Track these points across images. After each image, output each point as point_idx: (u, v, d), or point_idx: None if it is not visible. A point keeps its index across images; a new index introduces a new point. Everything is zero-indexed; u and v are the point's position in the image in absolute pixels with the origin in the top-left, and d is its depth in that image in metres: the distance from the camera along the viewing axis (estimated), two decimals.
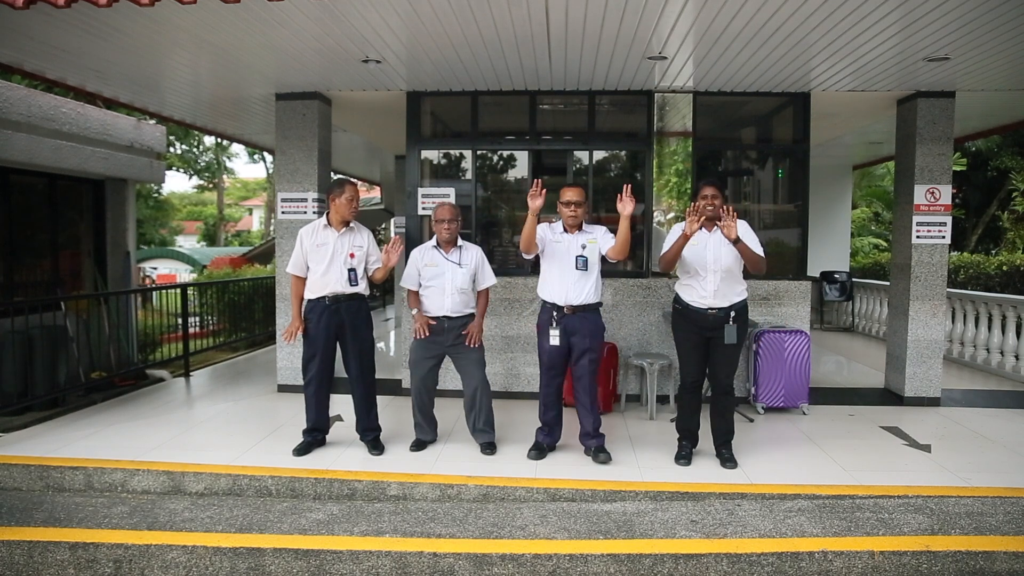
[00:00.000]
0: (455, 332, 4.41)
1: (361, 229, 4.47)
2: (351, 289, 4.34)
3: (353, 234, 4.40)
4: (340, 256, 4.31)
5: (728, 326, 4.07)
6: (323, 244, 4.32)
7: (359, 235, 4.43)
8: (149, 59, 4.94)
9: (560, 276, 4.25)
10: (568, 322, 4.22)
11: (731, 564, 3.07)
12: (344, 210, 4.31)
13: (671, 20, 4.13)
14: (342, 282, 4.31)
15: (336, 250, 4.31)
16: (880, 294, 9.40)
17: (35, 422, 5.09)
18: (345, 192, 4.31)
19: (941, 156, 5.78)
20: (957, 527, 3.31)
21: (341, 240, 4.33)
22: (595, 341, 4.27)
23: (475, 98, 6.02)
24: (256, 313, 9.66)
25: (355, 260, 4.35)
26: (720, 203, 4.09)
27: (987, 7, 3.78)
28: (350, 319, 4.35)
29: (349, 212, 4.33)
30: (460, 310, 4.41)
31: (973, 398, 6.09)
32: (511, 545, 3.18)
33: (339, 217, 4.34)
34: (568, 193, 4.23)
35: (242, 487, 4.03)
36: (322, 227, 4.37)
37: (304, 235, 4.38)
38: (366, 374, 4.45)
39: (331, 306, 4.31)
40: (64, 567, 3.20)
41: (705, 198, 4.09)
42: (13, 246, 6.47)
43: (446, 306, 4.37)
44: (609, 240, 4.24)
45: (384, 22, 4.16)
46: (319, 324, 4.31)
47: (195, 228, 33.37)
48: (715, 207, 4.07)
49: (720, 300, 4.09)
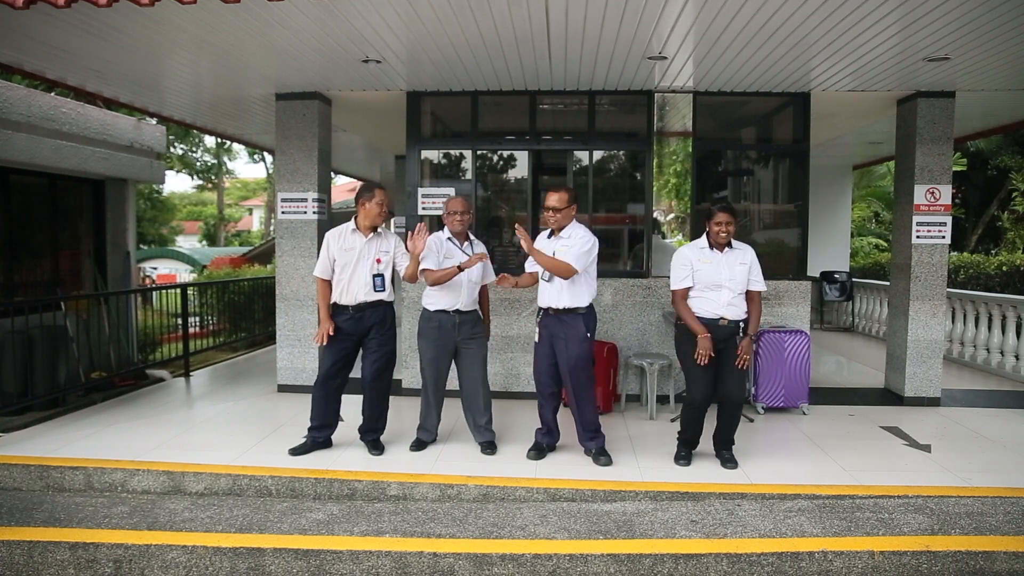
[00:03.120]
0: (467, 326, 4.40)
1: (388, 235, 4.44)
2: (375, 296, 4.31)
3: (380, 240, 4.36)
4: (366, 261, 4.29)
5: (739, 336, 4.08)
6: (350, 249, 4.28)
7: (386, 240, 4.39)
8: (149, 59, 4.94)
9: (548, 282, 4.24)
10: (550, 324, 4.22)
11: (731, 564, 3.07)
12: (374, 215, 4.28)
13: (671, 20, 4.13)
14: (367, 289, 4.28)
15: (363, 255, 4.28)
16: (880, 294, 9.40)
17: (35, 422, 5.09)
18: (375, 197, 4.26)
19: (941, 156, 5.78)
20: (957, 527, 3.31)
21: (368, 246, 4.30)
22: (574, 346, 4.15)
23: (475, 98, 6.02)
24: (256, 313, 9.66)
25: (381, 266, 4.33)
26: (734, 229, 4.11)
27: (987, 7, 3.77)
28: (376, 326, 4.33)
29: (378, 217, 4.31)
30: (471, 304, 4.42)
31: (973, 398, 6.09)
32: (511, 545, 3.18)
33: (368, 222, 4.30)
34: (551, 198, 4.18)
35: (242, 487, 4.03)
36: (350, 231, 4.33)
37: (331, 238, 4.33)
38: (384, 380, 4.44)
39: (356, 315, 4.29)
40: (64, 567, 3.20)
41: (720, 224, 4.08)
42: (13, 246, 6.47)
43: (461, 299, 4.36)
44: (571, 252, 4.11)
45: (384, 22, 4.16)
46: (345, 329, 4.30)
47: (196, 228, 33.37)
48: (729, 233, 4.09)
49: (732, 312, 4.09)
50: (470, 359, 4.45)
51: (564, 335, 4.18)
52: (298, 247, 6.10)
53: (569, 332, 4.17)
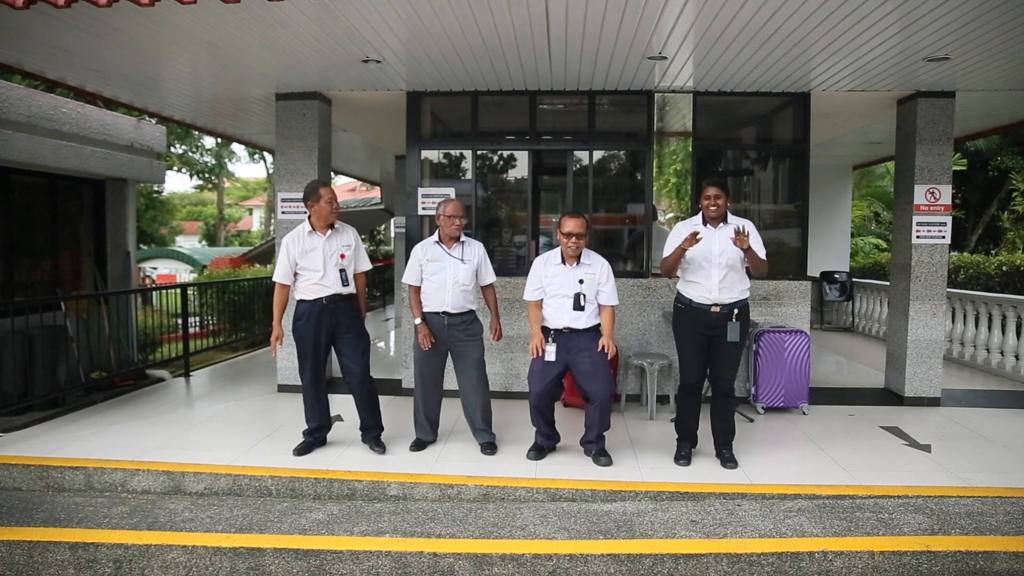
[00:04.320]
0: (458, 328, 4.39)
1: (345, 228, 4.43)
2: (345, 290, 4.33)
3: (339, 235, 4.37)
4: (332, 258, 4.29)
5: (731, 323, 4.06)
6: (311, 250, 4.27)
7: (345, 234, 4.40)
8: (149, 59, 4.94)
9: (558, 309, 4.19)
10: (568, 341, 4.17)
11: (731, 564, 3.07)
12: (326, 213, 4.27)
13: (671, 20, 4.13)
14: (337, 284, 4.30)
15: (327, 253, 4.28)
16: (880, 294, 9.40)
17: (35, 422, 5.09)
18: (322, 196, 4.26)
19: (941, 156, 5.78)
20: (957, 527, 3.31)
21: (329, 243, 4.30)
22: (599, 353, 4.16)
23: (475, 98, 6.02)
24: (256, 313, 9.65)
25: (345, 260, 4.34)
26: (724, 202, 4.11)
27: (987, 7, 3.78)
28: (345, 320, 4.34)
29: (331, 214, 4.30)
30: (461, 306, 4.39)
31: (973, 398, 6.09)
32: (511, 545, 3.18)
33: (322, 221, 4.30)
34: (569, 223, 4.09)
35: (242, 487, 4.03)
36: (307, 233, 4.31)
37: (290, 243, 4.30)
38: (367, 374, 4.44)
39: (328, 306, 4.29)
40: (64, 567, 3.20)
41: (708, 198, 4.10)
42: (13, 246, 6.47)
43: (447, 301, 4.36)
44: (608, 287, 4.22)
45: (384, 22, 4.16)
46: (312, 326, 4.28)
47: (196, 228, 33.38)
48: (719, 207, 4.09)
49: (724, 295, 4.07)
50: (463, 361, 4.44)
51: (588, 348, 4.15)
52: None
53: (593, 345, 4.15)
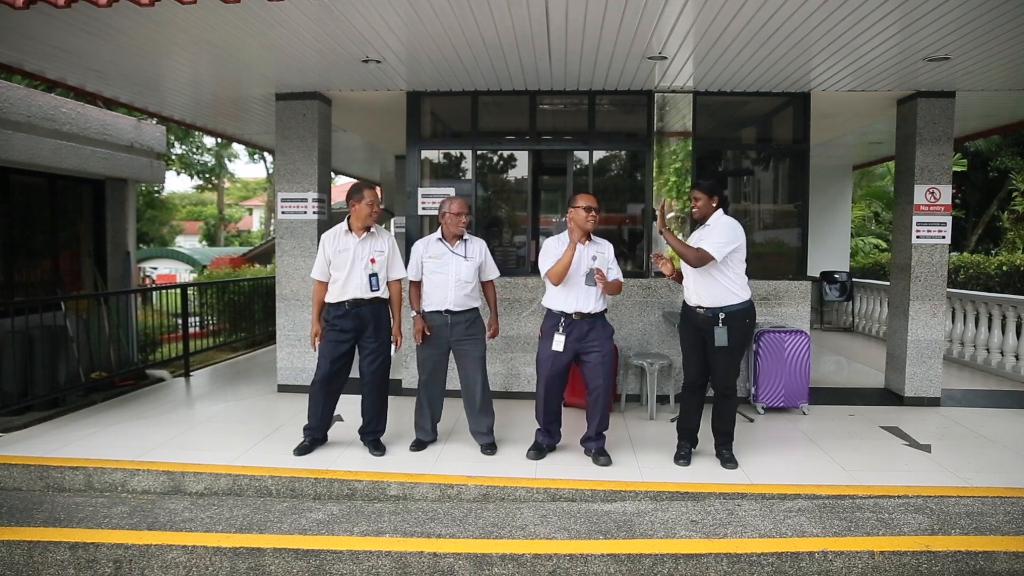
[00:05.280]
0: (460, 326, 4.39)
1: (382, 233, 4.45)
2: (371, 294, 4.32)
3: (374, 239, 4.37)
4: (361, 262, 4.30)
5: (718, 328, 4.05)
6: (344, 250, 4.30)
7: (380, 240, 4.40)
8: (149, 59, 4.94)
9: (568, 287, 4.22)
10: (577, 328, 4.21)
11: (731, 564, 3.07)
12: (364, 216, 4.30)
13: (671, 20, 4.13)
14: (363, 287, 4.29)
15: (357, 256, 4.29)
16: (880, 294, 9.40)
17: (35, 422, 5.09)
18: (365, 198, 4.29)
19: (941, 156, 5.78)
20: (957, 527, 3.31)
21: (361, 245, 4.31)
22: (607, 344, 4.27)
23: (475, 98, 6.02)
24: (256, 313, 9.66)
25: (376, 265, 4.34)
26: (702, 204, 4.17)
27: (987, 7, 3.78)
28: (372, 323, 4.34)
29: (369, 218, 4.32)
30: (464, 304, 4.39)
31: (973, 398, 6.09)
32: (511, 545, 3.18)
33: (360, 223, 4.32)
34: (586, 198, 4.21)
35: (242, 487, 4.03)
36: (343, 233, 4.34)
37: (326, 241, 4.36)
38: (382, 378, 4.44)
39: (352, 311, 4.30)
40: (64, 567, 3.20)
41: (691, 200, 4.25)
42: (13, 246, 6.47)
43: (449, 299, 4.36)
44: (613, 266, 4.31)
45: (384, 22, 4.16)
46: (332, 328, 4.31)
47: (196, 228, 33.36)
48: (698, 209, 4.19)
49: (702, 299, 4.10)
50: (465, 360, 4.44)
51: (597, 336, 4.21)
52: (298, 247, 6.10)
53: (601, 333, 4.24)
